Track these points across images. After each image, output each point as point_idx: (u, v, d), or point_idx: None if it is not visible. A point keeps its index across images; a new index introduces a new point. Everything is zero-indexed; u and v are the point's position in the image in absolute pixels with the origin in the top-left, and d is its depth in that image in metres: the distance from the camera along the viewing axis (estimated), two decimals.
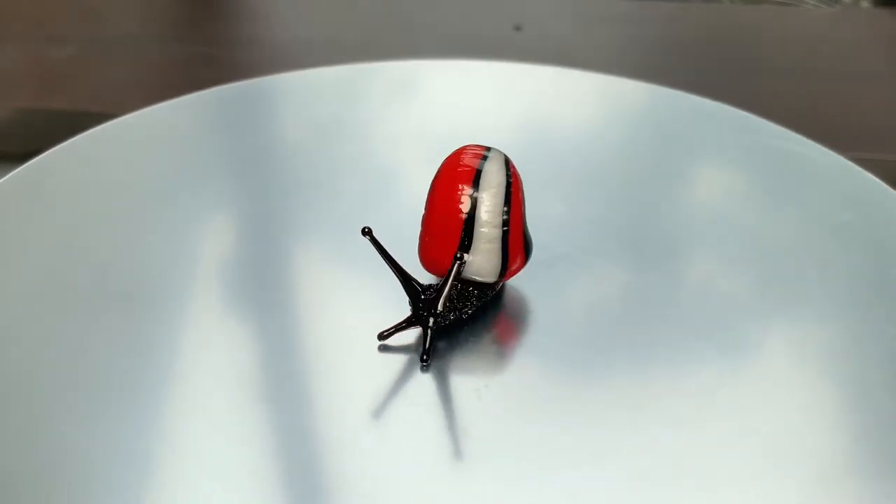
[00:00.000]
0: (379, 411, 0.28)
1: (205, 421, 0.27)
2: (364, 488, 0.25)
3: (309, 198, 0.38)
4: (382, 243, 0.29)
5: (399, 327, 0.30)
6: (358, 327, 0.30)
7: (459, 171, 0.29)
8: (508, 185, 0.29)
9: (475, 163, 0.30)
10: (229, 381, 0.29)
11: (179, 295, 0.32)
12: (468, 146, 0.30)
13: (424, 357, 0.29)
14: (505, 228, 0.29)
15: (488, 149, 0.31)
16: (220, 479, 0.25)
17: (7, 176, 0.38)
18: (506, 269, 0.30)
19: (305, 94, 0.48)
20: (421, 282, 0.30)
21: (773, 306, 0.33)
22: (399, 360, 0.30)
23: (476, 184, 0.29)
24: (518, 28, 0.80)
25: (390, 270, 0.29)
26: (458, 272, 0.28)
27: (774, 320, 0.32)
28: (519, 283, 0.33)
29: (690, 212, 0.39)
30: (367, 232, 0.29)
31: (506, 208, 0.29)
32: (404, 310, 0.30)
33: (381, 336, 0.30)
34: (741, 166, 0.42)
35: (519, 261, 0.30)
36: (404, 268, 0.29)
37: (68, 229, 0.36)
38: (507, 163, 0.30)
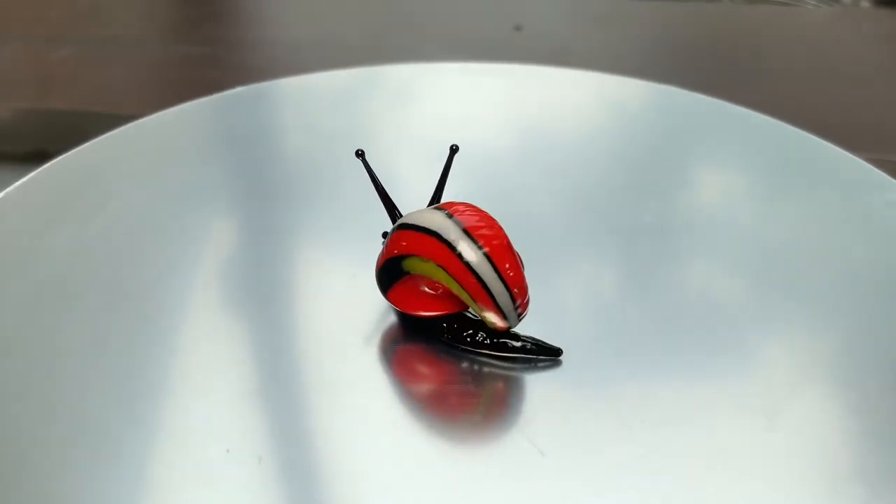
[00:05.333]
0: (374, 412, 0.28)
1: (203, 421, 0.27)
2: (360, 487, 0.25)
3: (309, 202, 0.38)
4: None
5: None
6: (357, 329, 0.31)
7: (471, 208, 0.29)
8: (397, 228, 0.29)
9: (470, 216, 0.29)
10: (227, 383, 0.29)
11: (180, 296, 0.32)
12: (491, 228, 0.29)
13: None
14: (383, 241, 0.30)
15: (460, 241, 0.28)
16: (217, 479, 0.26)
17: (20, 182, 0.38)
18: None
19: (306, 98, 0.48)
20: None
21: (775, 308, 0.33)
22: (396, 362, 0.30)
23: (445, 207, 0.29)
24: (518, 28, 0.80)
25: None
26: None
27: (776, 323, 0.32)
28: None
29: (693, 212, 0.39)
30: (360, 154, 0.31)
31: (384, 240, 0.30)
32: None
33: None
34: (744, 164, 0.42)
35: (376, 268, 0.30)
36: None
37: (72, 232, 0.36)
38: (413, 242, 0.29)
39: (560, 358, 0.30)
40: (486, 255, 0.28)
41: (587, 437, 0.27)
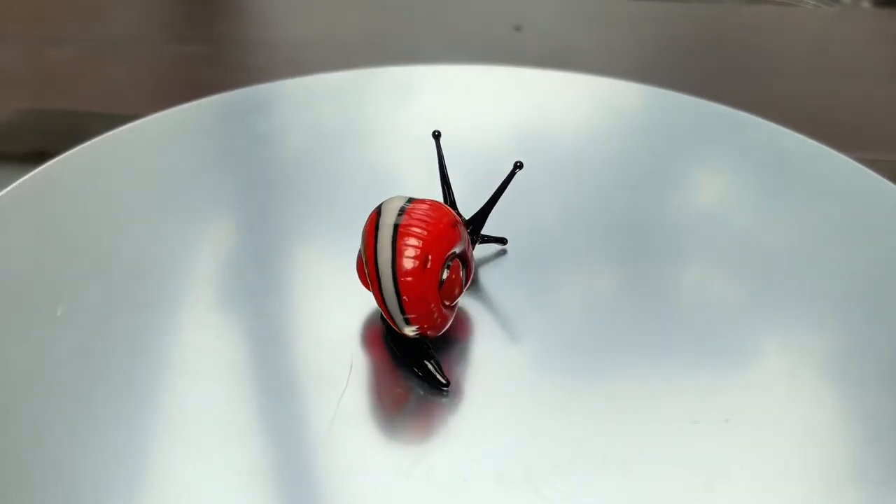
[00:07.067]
0: (370, 412, 0.28)
1: (199, 422, 0.27)
2: (355, 489, 0.25)
3: (309, 203, 0.38)
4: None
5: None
6: (353, 330, 0.31)
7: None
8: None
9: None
10: (224, 384, 0.29)
11: (178, 296, 0.32)
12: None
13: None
14: None
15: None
16: (213, 480, 0.26)
17: (19, 181, 0.38)
18: None
19: (306, 99, 0.48)
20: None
21: (772, 310, 0.33)
22: (391, 363, 0.30)
23: (416, 200, 0.29)
24: (518, 28, 0.80)
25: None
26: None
27: (773, 324, 0.32)
28: (513, 285, 0.33)
29: (688, 214, 0.39)
30: (437, 135, 0.33)
31: None
32: None
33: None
34: (741, 168, 0.42)
35: None
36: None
37: (72, 231, 0.36)
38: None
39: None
40: (393, 249, 0.27)
41: (580, 436, 0.27)
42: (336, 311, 0.32)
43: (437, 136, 0.33)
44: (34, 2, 0.87)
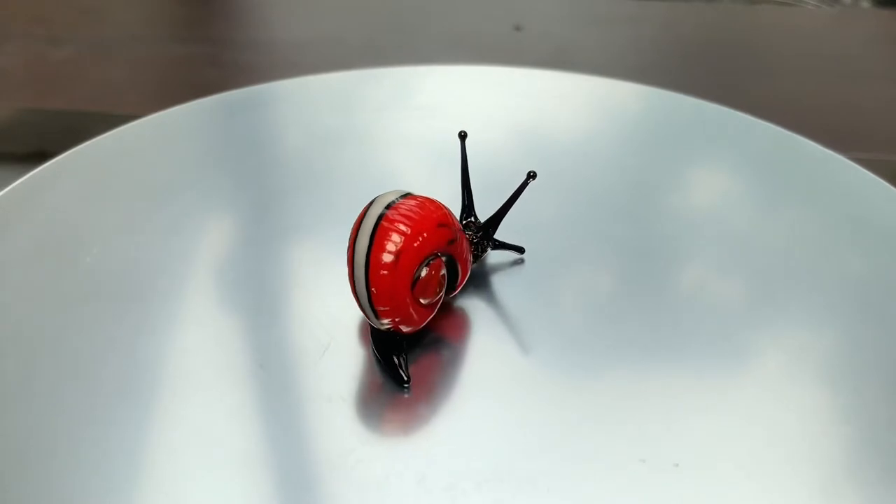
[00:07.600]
0: (368, 412, 0.28)
1: (195, 421, 0.27)
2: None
3: (307, 203, 0.38)
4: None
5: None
6: (349, 320, 0.31)
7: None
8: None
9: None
10: (221, 383, 0.29)
11: (176, 296, 0.32)
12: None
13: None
14: None
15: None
16: (210, 479, 0.26)
17: (19, 181, 0.38)
18: None
19: (306, 100, 0.47)
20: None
21: (770, 310, 0.33)
22: (369, 353, 0.30)
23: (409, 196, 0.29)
24: (518, 28, 0.80)
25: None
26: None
27: (772, 325, 0.32)
28: (511, 287, 0.33)
29: (687, 215, 0.39)
30: (463, 136, 0.32)
31: None
32: None
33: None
34: (738, 169, 0.42)
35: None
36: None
37: (71, 231, 0.36)
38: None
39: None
40: (370, 240, 0.27)
41: (576, 438, 0.27)
42: (330, 303, 0.32)
43: (463, 136, 0.32)
44: (34, 2, 0.87)
